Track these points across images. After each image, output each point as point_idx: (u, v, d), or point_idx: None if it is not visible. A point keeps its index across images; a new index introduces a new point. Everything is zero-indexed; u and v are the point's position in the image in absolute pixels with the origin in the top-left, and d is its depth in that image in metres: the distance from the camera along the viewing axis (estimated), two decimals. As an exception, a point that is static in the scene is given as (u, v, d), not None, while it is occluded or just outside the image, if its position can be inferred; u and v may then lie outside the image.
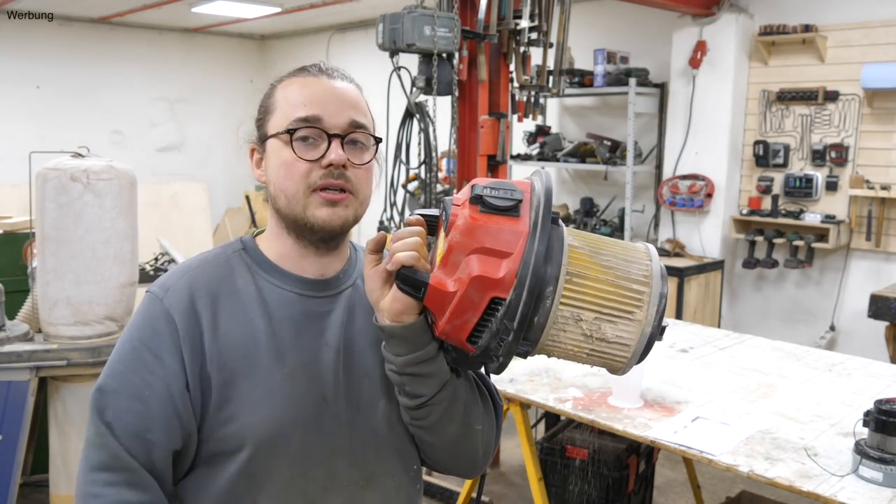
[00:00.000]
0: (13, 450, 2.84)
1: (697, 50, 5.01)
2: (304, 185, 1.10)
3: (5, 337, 2.87)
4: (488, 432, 1.22)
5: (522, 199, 0.99)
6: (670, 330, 3.34)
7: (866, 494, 1.89)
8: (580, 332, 0.98)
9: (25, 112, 7.63)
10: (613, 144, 5.46)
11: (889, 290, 4.06)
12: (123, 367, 1.10)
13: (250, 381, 1.09)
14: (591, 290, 0.97)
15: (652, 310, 0.99)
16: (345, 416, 1.14)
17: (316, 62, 1.19)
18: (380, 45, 3.68)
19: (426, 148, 3.89)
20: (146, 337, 1.10)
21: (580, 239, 1.01)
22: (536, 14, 4.01)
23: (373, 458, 1.16)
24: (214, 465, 1.10)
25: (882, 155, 4.55)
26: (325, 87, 1.14)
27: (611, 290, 0.98)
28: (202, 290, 1.13)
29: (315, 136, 1.11)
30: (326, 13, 7.27)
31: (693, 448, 2.14)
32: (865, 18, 4.53)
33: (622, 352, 1.00)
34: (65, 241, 2.80)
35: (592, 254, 0.99)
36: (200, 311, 1.11)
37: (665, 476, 3.97)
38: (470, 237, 0.97)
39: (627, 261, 1.00)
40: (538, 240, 0.94)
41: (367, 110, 1.18)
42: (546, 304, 0.96)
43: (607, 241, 1.03)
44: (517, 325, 0.94)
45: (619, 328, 0.99)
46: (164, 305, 1.11)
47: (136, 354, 1.10)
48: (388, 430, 1.17)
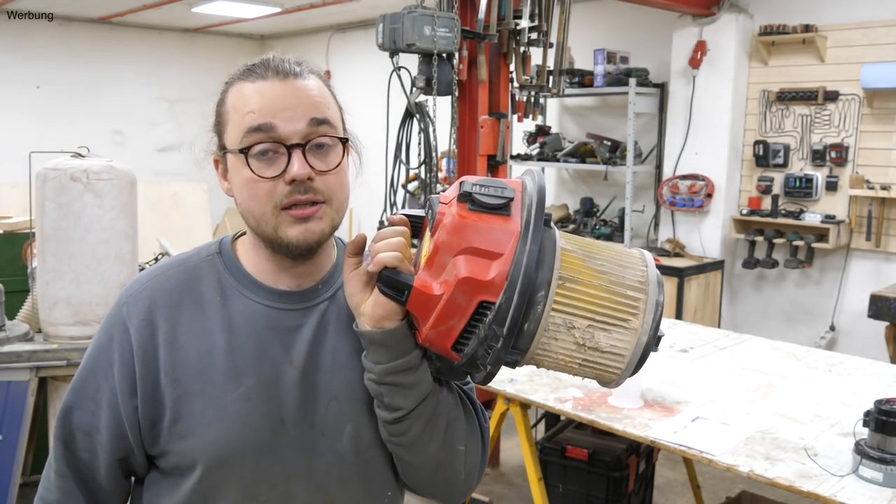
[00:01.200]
0: (13, 450, 2.84)
1: (697, 50, 5.01)
2: (270, 204, 1.01)
3: (5, 337, 2.87)
4: (473, 453, 1.13)
5: (514, 198, 0.93)
6: (670, 330, 3.34)
7: (866, 494, 1.89)
8: (572, 341, 0.92)
9: (25, 112, 7.63)
10: (613, 144, 5.46)
11: (889, 290, 4.06)
12: (85, 366, 1.12)
13: (203, 399, 1.04)
14: (584, 296, 0.91)
15: (648, 318, 0.93)
16: (305, 440, 1.07)
17: (266, 57, 1.06)
18: (380, 45, 3.68)
19: (426, 148, 3.89)
20: (103, 343, 1.10)
21: (573, 242, 0.96)
22: (536, 14, 4.01)
23: (336, 485, 1.09)
24: (174, 477, 1.08)
25: (882, 155, 4.55)
26: (276, 90, 1.02)
27: (605, 296, 0.92)
28: (163, 300, 1.08)
29: (272, 149, 1.00)
30: (326, 13, 7.27)
31: (693, 448, 2.14)
32: (865, 18, 4.53)
33: (616, 362, 0.94)
34: (65, 241, 2.80)
35: (586, 257, 0.94)
36: (158, 322, 1.07)
37: (665, 476, 3.97)
38: (458, 236, 0.91)
39: (622, 266, 0.95)
40: (531, 240, 0.88)
41: (329, 103, 1.06)
42: (537, 309, 0.90)
43: (601, 244, 0.98)
44: (507, 331, 0.88)
45: (613, 337, 0.93)
46: (123, 314, 1.09)
47: (95, 358, 1.11)
48: (356, 456, 1.09)
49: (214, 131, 1.09)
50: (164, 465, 1.08)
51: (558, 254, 0.91)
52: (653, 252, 5.18)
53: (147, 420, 1.06)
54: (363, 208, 7.32)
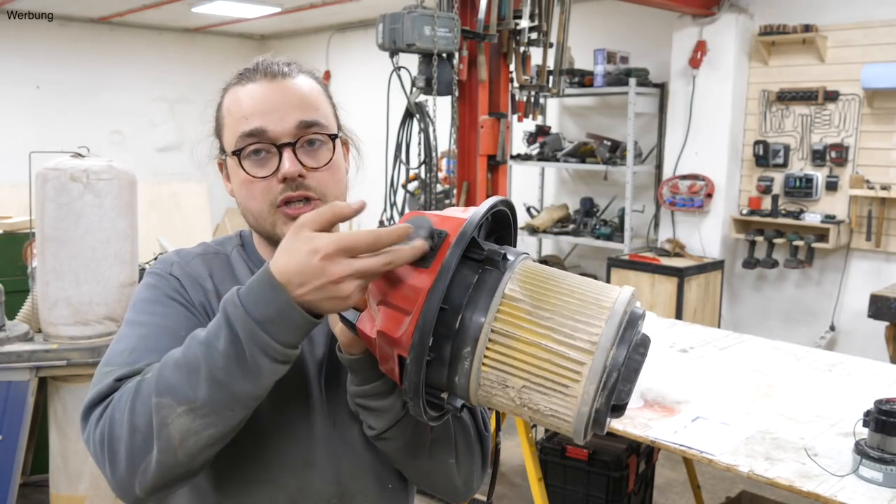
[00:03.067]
0: (13, 450, 2.84)
1: (697, 50, 5.01)
2: (266, 202, 1.04)
3: (5, 337, 2.87)
4: (467, 464, 1.14)
5: (441, 243, 0.84)
6: (670, 330, 3.34)
7: (866, 494, 1.89)
8: (509, 399, 0.84)
9: (25, 112, 7.63)
10: (613, 144, 5.46)
11: (889, 290, 4.06)
12: (143, 320, 1.05)
13: None
14: (518, 355, 0.82)
15: (591, 387, 0.80)
16: (323, 429, 1.10)
17: (256, 60, 1.10)
18: (380, 45, 3.68)
19: (426, 148, 3.89)
20: (161, 286, 1.08)
21: (529, 285, 0.84)
22: (536, 14, 4.02)
23: (347, 476, 1.12)
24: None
25: (882, 155, 4.55)
26: (265, 93, 1.05)
27: (543, 356, 0.81)
28: (204, 275, 1.12)
29: (264, 149, 1.04)
30: (326, 13, 7.27)
31: (693, 448, 2.14)
32: (865, 18, 4.53)
33: (562, 425, 0.84)
34: (65, 241, 2.80)
35: (533, 308, 0.82)
36: (206, 286, 1.10)
37: (665, 476, 3.97)
38: (376, 286, 0.86)
39: (576, 320, 0.82)
40: (437, 299, 0.80)
41: (319, 102, 1.08)
42: (464, 364, 0.83)
43: (566, 288, 0.85)
44: (412, 393, 0.83)
45: (552, 401, 0.82)
46: (175, 272, 1.10)
47: (151, 306, 1.06)
48: (365, 448, 1.12)
49: (215, 135, 1.14)
50: None
51: (494, 304, 0.83)
52: (652, 252, 5.18)
53: None
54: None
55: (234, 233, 1.21)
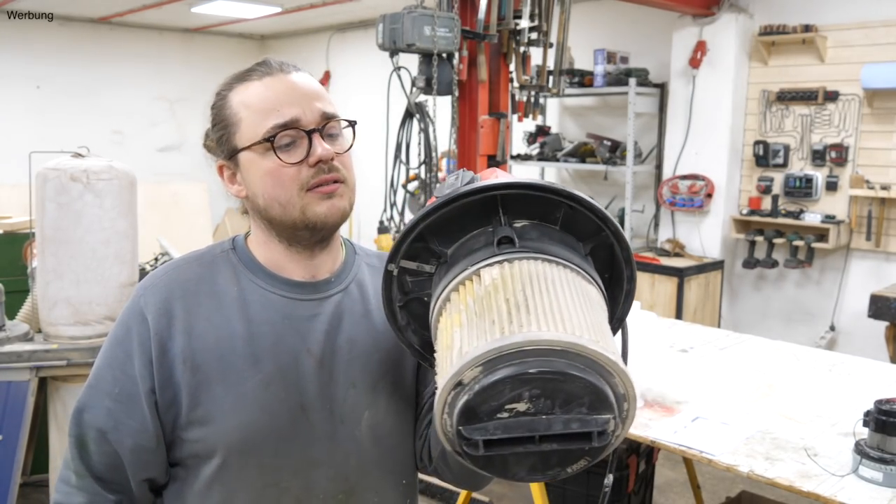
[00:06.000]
0: (13, 450, 2.84)
1: (697, 50, 5.01)
2: (296, 187, 1.07)
3: (5, 337, 2.87)
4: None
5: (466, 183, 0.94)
6: (670, 330, 3.34)
7: (866, 494, 1.88)
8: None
9: (25, 112, 7.63)
10: (613, 144, 5.46)
11: (889, 290, 4.06)
12: (100, 363, 1.12)
13: (224, 385, 1.07)
14: (442, 328, 0.86)
15: (443, 395, 0.78)
16: (325, 427, 1.10)
17: (262, 59, 1.14)
18: (380, 45, 3.68)
19: (426, 148, 3.89)
20: (121, 335, 1.11)
21: (503, 278, 0.83)
22: (536, 14, 4.02)
23: (354, 472, 1.12)
24: (191, 468, 1.10)
25: (882, 155, 4.55)
26: (288, 85, 1.10)
27: (445, 341, 0.83)
28: (180, 291, 1.11)
29: (297, 136, 1.08)
30: (326, 13, 7.27)
31: (693, 448, 2.14)
32: (865, 18, 4.53)
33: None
34: (65, 241, 2.80)
35: (480, 297, 0.84)
36: (176, 311, 1.09)
37: (665, 476, 3.97)
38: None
39: (481, 328, 0.79)
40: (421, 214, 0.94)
41: (328, 95, 1.15)
42: (434, 304, 0.93)
43: (521, 299, 0.80)
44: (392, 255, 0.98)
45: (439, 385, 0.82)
46: (140, 305, 1.10)
47: (112, 351, 1.11)
48: (373, 443, 1.13)
49: (217, 140, 1.13)
50: (184, 455, 1.09)
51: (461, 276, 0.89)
52: (652, 252, 5.18)
53: (165, 406, 1.07)
54: (363, 208, 7.31)
55: (226, 239, 1.20)
